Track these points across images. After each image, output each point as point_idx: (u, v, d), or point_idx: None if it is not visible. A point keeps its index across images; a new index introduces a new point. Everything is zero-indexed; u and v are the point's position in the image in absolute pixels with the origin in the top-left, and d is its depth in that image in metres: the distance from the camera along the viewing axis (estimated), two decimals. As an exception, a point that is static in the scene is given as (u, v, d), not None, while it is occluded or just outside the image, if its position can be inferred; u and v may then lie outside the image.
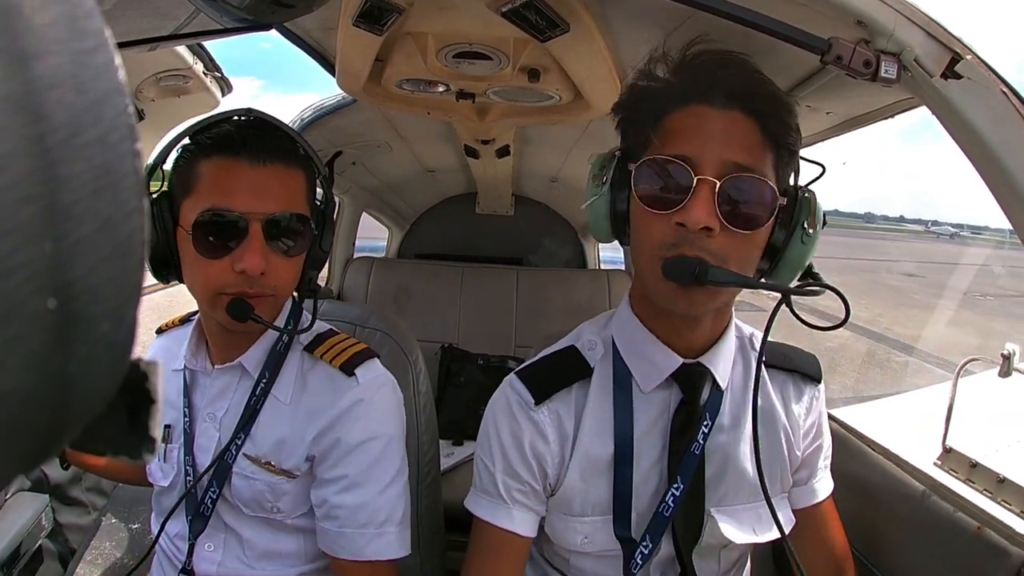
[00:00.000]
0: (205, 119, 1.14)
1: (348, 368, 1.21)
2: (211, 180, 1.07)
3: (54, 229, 0.21)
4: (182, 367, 1.27)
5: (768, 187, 0.93)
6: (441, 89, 1.59)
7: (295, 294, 1.24)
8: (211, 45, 1.62)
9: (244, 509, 1.21)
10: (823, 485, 1.21)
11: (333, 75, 1.59)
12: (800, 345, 1.19)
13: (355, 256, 3.48)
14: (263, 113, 1.17)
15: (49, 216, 0.21)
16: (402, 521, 1.22)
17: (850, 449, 1.49)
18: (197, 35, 1.24)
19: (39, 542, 1.59)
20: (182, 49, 1.54)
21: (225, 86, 1.79)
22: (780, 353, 1.17)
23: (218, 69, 1.71)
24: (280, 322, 1.23)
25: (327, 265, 3.34)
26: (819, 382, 1.18)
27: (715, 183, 0.90)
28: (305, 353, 1.25)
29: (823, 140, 1.46)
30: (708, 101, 0.93)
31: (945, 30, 0.83)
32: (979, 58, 0.82)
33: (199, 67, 1.64)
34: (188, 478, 1.23)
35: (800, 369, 1.16)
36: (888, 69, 0.85)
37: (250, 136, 1.09)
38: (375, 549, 1.18)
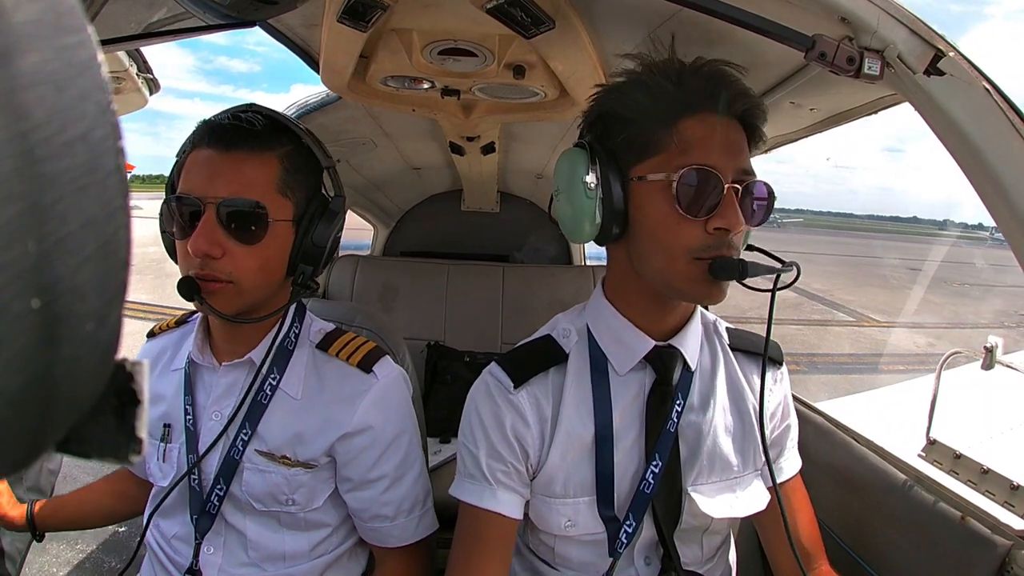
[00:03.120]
0: (211, 117, 1.17)
1: (366, 366, 1.24)
2: (186, 169, 1.12)
3: (38, 228, 0.21)
4: (183, 366, 1.27)
5: (769, 188, 1.02)
6: (426, 86, 1.59)
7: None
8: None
9: (255, 504, 1.21)
10: (790, 464, 1.26)
11: (317, 72, 1.58)
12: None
13: (340, 254, 3.46)
14: (261, 106, 1.19)
15: (33, 215, 0.21)
16: (431, 495, 1.33)
17: (835, 441, 1.51)
18: (179, 32, 1.22)
19: None
20: (120, 52, 1.54)
21: (153, 86, 1.80)
22: (745, 338, 1.24)
23: (150, 71, 1.72)
24: (284, 322, 1.24)
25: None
26: (781, 364, 1.24)
27: (738, 189, 0.99)
28: (317, 351, 1.27)
29: (807, 136, 1.48)
30: (714, 110, 0.99)
31: (928, 27, 0.84)
32: (962, 55, 0.83)
33: (133, 69, 1.64)
34: (193, 477, 1.22)
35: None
36: (871, 66, 0.86)
37: (223, 127, 1.12)
38: (424, 527, 1.29)
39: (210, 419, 1.23)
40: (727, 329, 1.24)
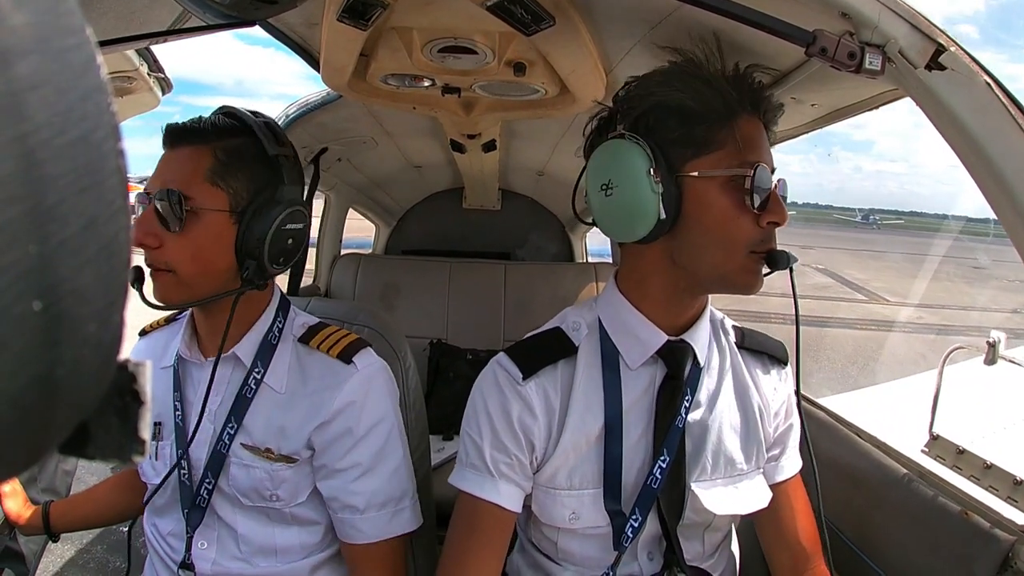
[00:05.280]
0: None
1: (346, 357, 1.24)
2: None
3: (39, 230, 0.21)
4: (171, 363, 1.29)
5: (785, 185, 1.06)
6: (426, 84, 1.59)
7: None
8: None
9: (242, 499, 1.22)
10: (791, 463, 1.26)
11: (318, 71, 1.58)
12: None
13: (342, 253, 3.47)
14: (229, 107, 1.22)
15: (34, 217, 0.21)
16: (413, 495, 1.30)
17: (838, 437, 1.51)
18: (180, 32, 1.22)
19: (5, 543, 1.59)
20: (130, 51, 1.53)
21: (166, 86, 1.79)
22: (751, 336, 1.25)
23: (161, 70, 1.71)
24: (267, 316, 1.26)
25: (315, 262, 3.33)
26: (786, 364, 1.25)
27: (777, 185, 1.03)
28: (299, 344, 1.27)
29: (808, 132, 1.47)
30: (756, 113, 1.04)
31: (929, 22, 0.84)
32: (963, 49, 0.83)
33: (144, 68, 1.63)
34: (183, 472, 1.24)
35: (769, 351, 1.24)
36: (872, 61, 0.85)
37: (170, 128, 1.16)
38: (397, 525, 1.26)
39: (197, 414, 1.24)
40: (733, 327, 1.25)
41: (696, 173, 1.01)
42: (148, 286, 1.16)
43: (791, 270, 1.03)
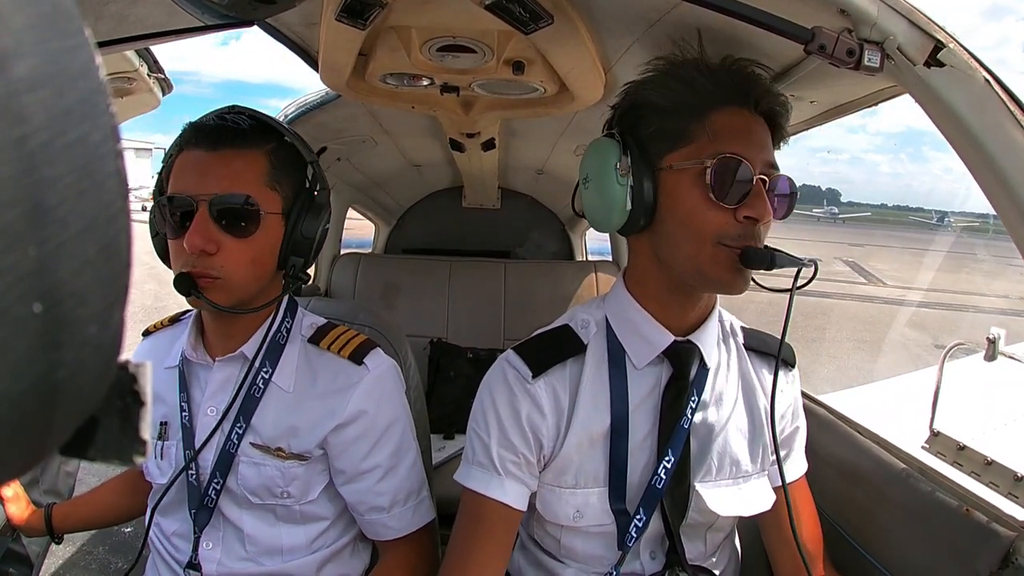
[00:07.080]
0: (196, 120, 1.19)
1: (357, 357, 1.26)
2: (176, 170, 1.15)
3: (38, 232, 0.21)
4: (176, 363, 1.28)
5: (791, 183, 1.05)
6: (425, 83, 1.58)
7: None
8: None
9: (251, 497, 1.23)
10: (796, 465, 1.27)
11: (316, 71, 1.57)
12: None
13: (342, 252, 3.46)
14: (243, 107, 1.22)
15: (33, 219, 0.21)
16: (428, 485, 1.35)
17: (838, 434, 1.51)
18: (178, 33, 1.22)
19: (8, 544, 1.60)
20: (129, 52, 1.52)
21: (166, 86, 1.78)
22: (759, 339, 1.24)
23: (161, 70, 1.70)
24: (277, 315, 1.26)
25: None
26: (793, 366, 1.25)
27: (765, 180, 1.02)
28: (309, 344, 1.28)
29: (807, 129, 1.47)
30: (746, 106, 1.03)
31: (928, 18, 0.84)
32: (962, 46, 0.83)
33: (144, 69, 1.63)
34: (191, 472, 1.24)
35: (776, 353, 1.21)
36: (871, 58, 0.85)
37: (211, 127, 1.15)
38: (419, 517, 1.31)
39: (205, 414, 1.24)
40: (742, 328, 1.25)
41: (670, 166, 1.03)
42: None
43: (797, 273, 1.01)
